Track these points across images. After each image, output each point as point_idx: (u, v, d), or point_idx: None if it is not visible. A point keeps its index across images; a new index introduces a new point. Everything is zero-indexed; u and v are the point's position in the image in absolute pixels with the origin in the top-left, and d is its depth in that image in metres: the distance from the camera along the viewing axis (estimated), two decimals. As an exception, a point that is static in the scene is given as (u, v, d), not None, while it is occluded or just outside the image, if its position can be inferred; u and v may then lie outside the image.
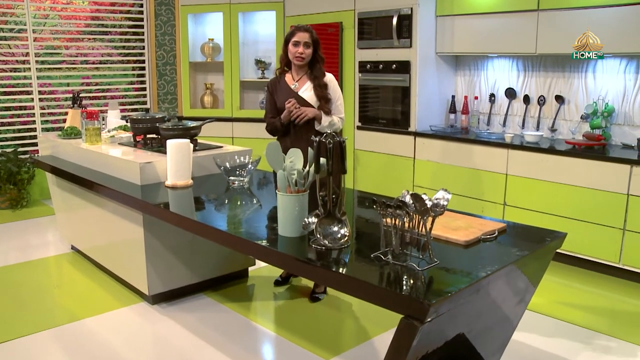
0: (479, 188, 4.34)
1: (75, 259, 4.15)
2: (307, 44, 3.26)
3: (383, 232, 1.89)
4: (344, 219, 2.02)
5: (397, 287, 1.72)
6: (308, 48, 3.27)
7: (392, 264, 1.86)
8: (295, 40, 3.26)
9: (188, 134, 3.50)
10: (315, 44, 3.31)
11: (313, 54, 3.31)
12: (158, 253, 3.24)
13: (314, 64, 3.35)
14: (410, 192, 1.81)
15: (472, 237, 2.11)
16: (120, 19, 6.26)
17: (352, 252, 2.01)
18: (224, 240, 2.33)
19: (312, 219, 2.06)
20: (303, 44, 3.25)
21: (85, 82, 6.21)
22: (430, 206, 1.78)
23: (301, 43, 3.25)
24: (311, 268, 1.90)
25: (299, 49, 3.25)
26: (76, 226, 4.08)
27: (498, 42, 4.39)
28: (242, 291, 3.62)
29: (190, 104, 6.15)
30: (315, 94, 3.31)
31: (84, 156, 3.73)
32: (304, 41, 3.25)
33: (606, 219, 3.69)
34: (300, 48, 3.25)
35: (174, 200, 2.95)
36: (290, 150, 2.14)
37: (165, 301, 3.38)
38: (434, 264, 1.84)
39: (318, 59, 3.34)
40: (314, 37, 3.30)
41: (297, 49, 3.26)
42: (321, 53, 3.37)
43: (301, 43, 3.25)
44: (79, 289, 3.64)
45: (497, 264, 1.88)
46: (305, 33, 3.26)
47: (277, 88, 3.42)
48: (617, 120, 4.10)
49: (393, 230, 1.85)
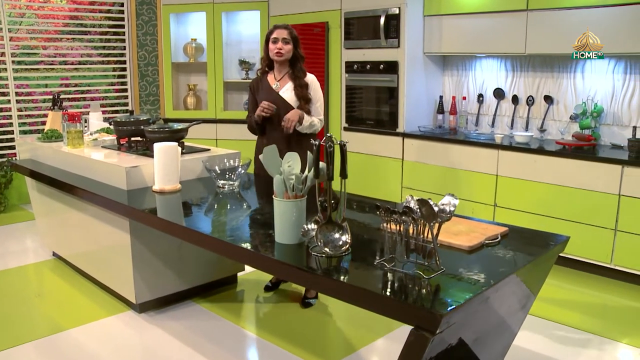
0: (468, 189, 4.31)
1: (57, 266, 4.01)
2: (285, 40, 3.24)
3: (387, 239, 1.83)
4: (344, 226, 1.95)
5: (405, 296, 1.66)
6: (287, 44, 3.25)
7: (397, 272, 1.79)
8: (274, 37, 3.25)
9: (175, 136, 3.40)
10: (295, 41, 3.29)
11: (293, 51, 3.28)
12: (145, 260, 3.13)
13: (295, 62, 3.32)
14: (417, 198, 1.75)
15: (475, 243, 2.05)
16: (100, 18, 6.11)
17: (353, 260, 1.94)
18: (218, 248, 2.24)
19: (311, 225, 1.99)
20: (282, 40, 3.23)
21: (64, 84, 6.04)
22: (436, 212, 1.72)
23: (279, 39, 3.23)
24: (313, 277, 1.83)
25: (278, 44, 3.23)
26: (58, 232, 3.95)
27: (487, 42, 4.37)
28: (232, 297, 3.53)
29: (173, 106, 6.02)
30: (295, 94, 3.29)
31: (66, 160, 3.60)
32: (282, 37, 3.23)
33: (597, 219, 3.69)
34: (279, 44, 3.23)
35: (162, 205, 2.85)
36: (288, 154, 2.06)
37: (153, 309, 3.27)
38: (440, 272, 1.78)
39: (298, 57, 3.32)
40: (292, 34, 3.28)
41: (276, 45, 3.24)
42: (301, 51, 3.34)
43: (279, 39, 3.23)
44: (62, 297, 3.51)
45: (505, 270, 1.83)
46: (283, 30, 3.26)
47: (258, 87, 3.40)
48: (605, 120, 4.10)
49: (398, 236, 1.79)
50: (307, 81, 3.32)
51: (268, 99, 3.29)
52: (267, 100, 3.29)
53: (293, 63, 3.32)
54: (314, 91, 3.33)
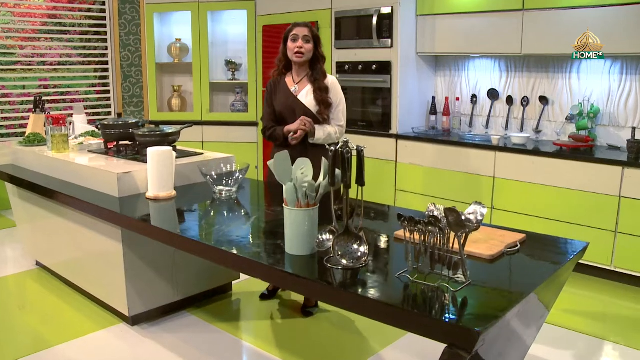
0: (465, 191, 4.24)
1: (41, 276, 3.83)
2: (306, 38, 3.04)
3: (410, 250, 1.72)
4: (362, 236, 1.85)
5: (435, 312, 1.56)
6: (308, 43, 3.05)
7: (421, 284, 1.69)
8: (294, 34, 3.04)
9: (167, 140, 3.26)
10: (316, 40, 3.10)
11: (313, 51, 3.09)
12: (138, 270, 2.99)
13: (315, 63, 3.12)
14: (443, 207, 1.65)
15: (496, 252, 1.97)
16: (79, 17, 5.90)
17: (371, 272, 1.84)
18: (224, 260, 2.11)
19: (326, 235, 1.88)
20: (302, 38, 3.03)
21: (43, 85, 5.82)
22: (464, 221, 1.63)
23: (300, 37, 3.03)
24: (332, 291, 1.71)
25: (298, 43, 3.03)
26: (42, 240, 3.76)
27: (482, 43, 4.31)
28: (228, 307, 3.40)
29: (158, 107, 5.85)
30: (314, 97, 3.08)
31: (51, 165, 3.43)
32: (302, 35, 3.03)
33: (597, 221, 3.65)
34: (299, 42, 3.03)
35: (158, 214, 2.71)
36: (299, 159, 1.95)
37: (147, 321, 3.12)
38: (466, 284, 1.69)
39: (319, 58, 3.12)
40: (314, 33, 3.09)
41: (296, 43, 3.03)
42: (322, 51, 3.14)
43: (300, 37, 3.03)
44: (48, 310, 3.33)
45: (534, 281, 1.75)
46: (304, 27, 3.06)
47: (276, 89, 3.19)
48: (602, 121, 4.07)
49: (422, 247, 1.69)
50: (327, 84, 3.11)
51: (286, 103, 3.11)
52: (285, 104, 3.10)
53: (313, 64, 3.12)
54: (335, 95, 3.12)
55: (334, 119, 3.15)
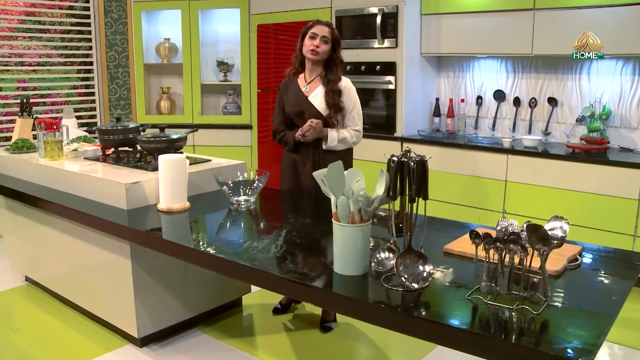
0: (475, 196, 4.12)
1: (32, 293, 3.55)
2: (325, 39, 2.89)
3: (485, 269, 1.57)
4: (424, 253, 1.68)
5: (528, 340, 1.40)
6: (326, 44, 2.90)
7: (498, 307, 1.54)
8: (313, 32, 2.89)
9: (174, 146, 3.03)
10: (335, 43, 2.95)
11: (331, 53, 2.94)
12: (148, 288, 2.77)
13: (331, 65, 2.97)
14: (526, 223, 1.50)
15: (560, 267, 1.82)
16: (60, 15, 5.59)
17: (435, 293, 1.67)
18: (271, 283, 1.89)
19: (385, 254, 1.71)
20: (320, 38, 2.88)
21: (22, 87, 5.49)
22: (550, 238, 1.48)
23: (319, 36, 2.88)
24: (404, 319, 1.54)
25: (316, 41, 2.88)
26: (33, 253, 3.49)
27: (490, 43, 4.19)
28: (240, 323, 3.20)
29: (146, 110, 5.58)
30: (325, 100, 2.93)
31: (45, 174, 3.17)
32: (322, 34, 2.88)
33: (616, 225, 3.56)
34: (317, 41, 2.88)
35: (174, 228, 2.50)
36: (350, 170, 1.78)
37: (156, 342, 2.90)
38: (545, 305, 1.54)
39: (336, 61, 2.97)
40: (334, 35, 2.94)
41: (313, 41, 2.89)
42: (340, 55, 3.00)
43: (319, 36, 2.88)
44: (44, 332, 3.07)
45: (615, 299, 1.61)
46: (325, 27, 2.91)
47: (287, 90, 3.04)
48: (613, 122, 4.00)
49: (500, 266, 1.53)
50: (341, 87, 2.96)
51: (295, 103, 2.96)
52: (294, 105, 2.96)
53: (328, 66, 2.96)
54: (348, 98, 2.96)
55: (349, 124, 3.00)
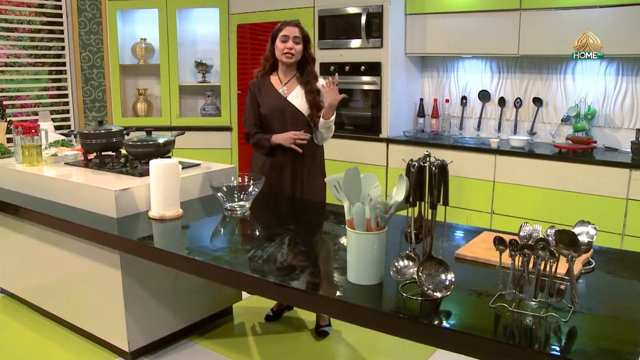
0: (462, 196, 4.10)
1: (8, 306, 3.37)
2: (296, 40, 2.89)
3: (511, 276, 1.52)
4: (444, 261, 1.62)
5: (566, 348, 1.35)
6: (298, 44, 2.90)
7: (524, 314, 1.49)
8: (284, 34, 2.88)
9: (161, 150, 2.92)
10: (306, 41, 2.95)
11: (303, 52, 2.94)
12: (139, 300, 2.64)
13: (304, 65, 2.98)
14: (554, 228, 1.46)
15: (577, 271, 1.79)
16: (28, 13, 5.36)
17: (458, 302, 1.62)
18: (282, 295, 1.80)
19: (404, 262, 1.65)
20: (292, 39, 2.88)
21: (-11, 88, 5.25)
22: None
23: (290, 37, 2.87)
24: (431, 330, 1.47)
25: (288, 43, 2.87)
26: (8, 262, 3.32)
27: (475, 43, 4.18)
28: (231, 331, 3.10)
29: (122, 112, 5.41)
30: (307, 100, 2.94)
31: (24, 181, 3.01)
32: (293, 35, 2.88)
33: (604, 224, 3.58)
34: (290, 43, 2.87)
35: (168, 236, 2.38)
36: (365, 175, 1.71)
37: (147, 355, 2.78)
38: (571, 312, 1.50)
39: (308, 59, 2.98)
40: (304, 33, 2.94)
41: (286, 44, 2.87)
42: (312, 52, 3.01)
43: (290, 37, 2.87)
44: (26, 348, 2.91)
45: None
46: (294, 27, 2.90)
47: (261, 91, 2.99)
48: (597, 122, 4.04)
49: (527, 273, 1.49)
50: (319, 86, 2.98)
51: (275, 105, 2.93)
52: (273, 106, 2.94)
53: (302, 65, 2.96)
54: (325, 96, 2.97)
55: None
